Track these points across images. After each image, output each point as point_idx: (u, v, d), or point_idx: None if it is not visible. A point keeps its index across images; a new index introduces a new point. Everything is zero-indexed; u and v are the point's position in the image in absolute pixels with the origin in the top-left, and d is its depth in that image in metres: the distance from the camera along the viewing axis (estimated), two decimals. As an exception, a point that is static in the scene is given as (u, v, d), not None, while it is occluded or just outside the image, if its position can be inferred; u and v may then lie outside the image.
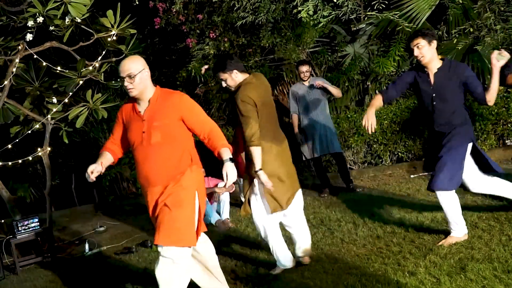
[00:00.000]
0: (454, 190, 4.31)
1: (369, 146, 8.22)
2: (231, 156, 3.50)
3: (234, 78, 4.19)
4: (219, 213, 6.62)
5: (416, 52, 4.32)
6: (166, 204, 3.43)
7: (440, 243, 4.34)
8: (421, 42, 4.30)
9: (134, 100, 3.66)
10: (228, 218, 6.52)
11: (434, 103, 4.38)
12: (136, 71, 3.50)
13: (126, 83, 3.51)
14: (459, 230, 4.37)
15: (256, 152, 4.10)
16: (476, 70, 7.86)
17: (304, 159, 7.47)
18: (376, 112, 7.87)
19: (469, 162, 4.40)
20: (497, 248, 4.05)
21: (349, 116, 8.16)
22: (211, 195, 6.75)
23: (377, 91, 8.30)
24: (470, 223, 4.75)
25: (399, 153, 7.87)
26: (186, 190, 3.49)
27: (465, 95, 4.41)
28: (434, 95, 4.37)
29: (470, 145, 4.37)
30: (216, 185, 6.81)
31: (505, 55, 4.26)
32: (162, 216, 3.45)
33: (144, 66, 3.60)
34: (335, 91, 6.99)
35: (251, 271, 4.56)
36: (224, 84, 4.28)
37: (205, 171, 6.90)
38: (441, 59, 4.44)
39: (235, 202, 7.21)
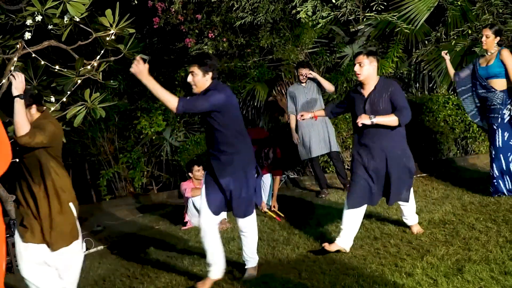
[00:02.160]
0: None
1: (367, 147, 8.21)
2: None
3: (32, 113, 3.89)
4: (216, 213, 6.61)
5: (189, 78, 4.08)
6: None
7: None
8: (195, 70, 4.03)
9: None
10: (225, 218, 6.51)
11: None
12: None
13: None
14: None
15: None
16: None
17: (301, 159, 7.51)
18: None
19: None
20: (494, 249, 4.05)
21: (347, 116, 8.15)
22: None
23: None
24: (468, 225, 4.77)
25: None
26: None
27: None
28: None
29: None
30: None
31: None
32: None
33: None
34: (327, 85, 6.96)
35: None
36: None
37: (204, 171, 6.92)
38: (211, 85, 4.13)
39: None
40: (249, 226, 4.38)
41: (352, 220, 4.61)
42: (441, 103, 7.67)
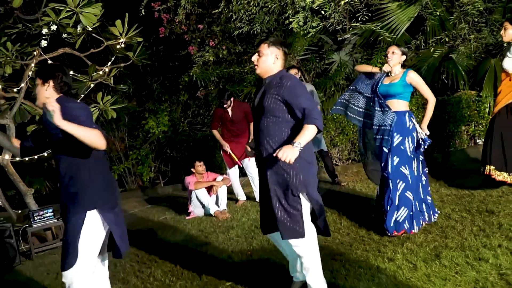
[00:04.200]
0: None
1: (353, 144, 8.20)
2: None
3: None
4: (217, 204, 6.59)
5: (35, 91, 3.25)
6: None
7: None
8: (36, 81, 3.22)
9: None
10: (225, 209, 6.49)
11: None
12: None
13: None
14: None
15: None
16: (451, 76, 7.86)
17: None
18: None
19: None
20: (469, 237, 4.03)
21: (335, 117, 8.14)
22: (210, 188, 6.72)
23: None
24: (444, 215, 4.74)
25: (381, 151, 7.85)
26: None
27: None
28: None
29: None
30: (215, 179, 6.78)
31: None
32: None
33: None
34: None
35: (245, 257, 4.53)
36: None
37: (205, 167, 6.90)
38: None
39: (232, 195, 7.17)
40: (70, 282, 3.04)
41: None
42: (420, 104, 7.65)
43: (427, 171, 4.70)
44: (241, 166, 6.91)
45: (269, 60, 3.22)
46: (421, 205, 4.51)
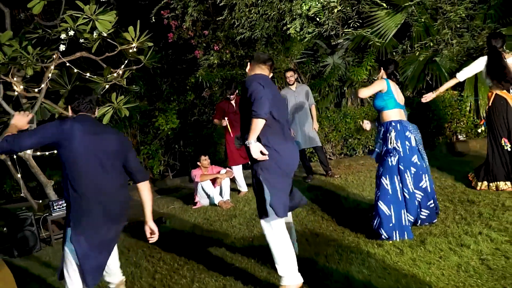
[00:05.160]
0: None
1: (345, 140, 8.17)
2: None
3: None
4: (221, 195, 6.57)
5: None
6: None
7: None
8: None
9: None
10: (228, 199, 6.47)
11: None
12: None
13: None
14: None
15: None
16: (435, 77, 7.82)
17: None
18: (351, 112, 7.90)
19: None
20: (451, 225, 4.02)
21: (329, 115, 8.11)
22: (215, 180, 6.70)
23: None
24: (429, 204, 4.72)
25: (370, 146, 7.84)
26: None
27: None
28: None
29: None
30: (219, 172, 6.76)
31: None
32: None
33: None
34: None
35: (247, 243, 4.52)
36: None
37: (210, 160, 6.88)
38: None
39: (234, 186, 7.15)
40: None
41: None
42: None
43: (424, 186, 4.09)
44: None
45: (248, 72, 3.55)
46: (408, 221, 3.97)
